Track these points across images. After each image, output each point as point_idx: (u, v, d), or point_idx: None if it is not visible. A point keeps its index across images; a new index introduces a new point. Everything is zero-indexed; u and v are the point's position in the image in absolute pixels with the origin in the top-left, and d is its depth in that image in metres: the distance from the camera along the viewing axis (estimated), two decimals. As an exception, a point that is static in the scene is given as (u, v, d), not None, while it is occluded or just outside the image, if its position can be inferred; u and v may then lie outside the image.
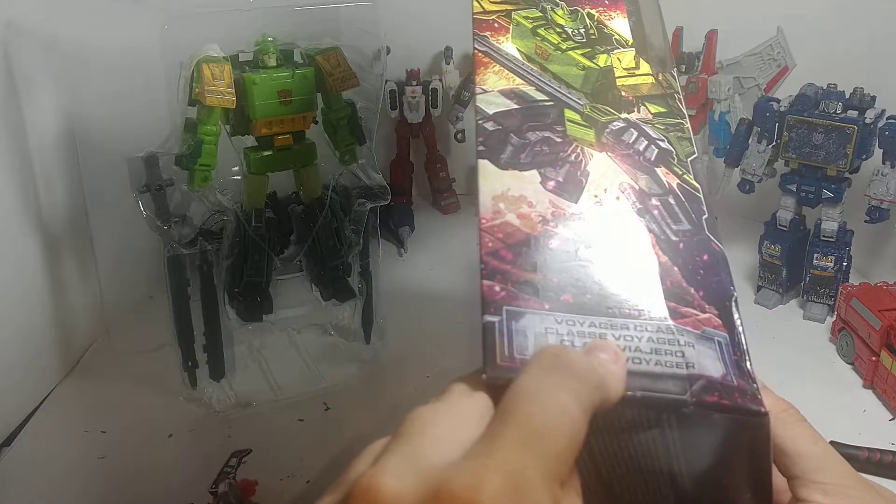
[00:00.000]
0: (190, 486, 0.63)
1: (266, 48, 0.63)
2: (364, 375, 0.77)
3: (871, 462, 0.62)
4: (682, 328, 0.29)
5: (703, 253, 0.32)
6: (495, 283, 0.30)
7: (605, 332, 0.28)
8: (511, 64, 0.42)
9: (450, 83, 1.07)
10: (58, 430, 0.71)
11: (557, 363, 0.26)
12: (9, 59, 0.69)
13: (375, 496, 0.23)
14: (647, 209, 0.34)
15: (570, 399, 0.24)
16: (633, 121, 0.38)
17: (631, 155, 0.37)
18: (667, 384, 0.27)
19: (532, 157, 0.36)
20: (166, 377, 0.73)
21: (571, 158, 0.36)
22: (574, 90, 0.41)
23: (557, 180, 0.35)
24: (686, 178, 0.36)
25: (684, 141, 0.38)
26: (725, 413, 0.27)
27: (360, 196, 0.71)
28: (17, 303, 0.71)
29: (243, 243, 0.67)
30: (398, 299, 0.85)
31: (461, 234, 1.07)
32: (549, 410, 0.24)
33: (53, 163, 0.75)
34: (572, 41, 0.44)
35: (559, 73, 0.42)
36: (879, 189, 0.80)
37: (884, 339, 0.71)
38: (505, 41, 0.44)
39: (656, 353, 0.28)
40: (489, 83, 0.41)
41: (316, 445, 0.68)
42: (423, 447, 0.25)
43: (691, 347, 0.28)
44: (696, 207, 0.34)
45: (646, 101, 0.40)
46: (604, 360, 0.27)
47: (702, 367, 0.28)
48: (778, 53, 1.01)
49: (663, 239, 0.32)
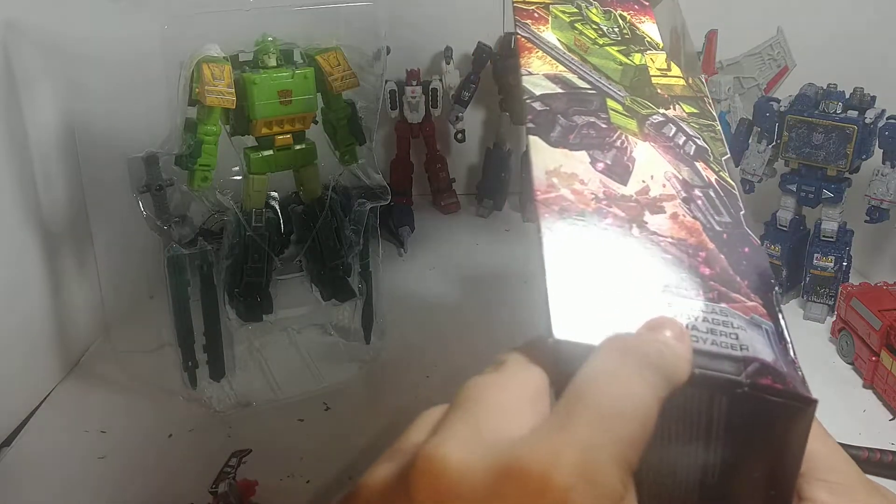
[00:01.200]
0: (190, 486, 0.63)
1: (266, 48, 0.63)
2: (364, 375, 0.77)
3: (871, 462, 0.62)
4: (734, 312, 0.29)
5: (745, 246, 0.32)
6: (555, 253, 0.30)
7: (662, 310, 0.29)
8: (553, 52, 0.43)
9: (450, 83, 1.07)
10: (58, 430, 0.71)
11: (634, 352, 0.25)
12: (9, 59, 0.69)
13: (441, 467, 0.23)
14: (692, 198, 0.34)
15: (645, 389, 0.24)
16: (670, 116, 0.39)
17: (672, 147, 0.37)
18: (723, 364, 0.27)
19: (580, 139, 0.37)
20: (166, 377, 0.73)
21: (617, 144, 0.37)
22: (613, 83, 0.41)
23: (606, 163, 0.35)
24: (722, 174, 0.36)
25: (717, 142, 0.38)
26: (777, 397, 0.26)
27: (360, 196, 0.71)
28: (17, 303, 0.71)
29: (243, 243, 0.67)
30: (398, 299, 0.85)
31: (461, 234, 1.07)
32: (625, 397, 0.24)
33: (53, 162, 0.75)
34: (608, 38, 0.45)
35: (598, 66, 0.43)
36: (879, 189, 0.80)
37: (884, 339, 0.71)
38: (545, 30, 0.45)
39: (712, 333, 0.28)
40: (534, 66, 0.42)
41: (316, 445, 0.68)
42: (485, 419, 0.24)
43: (743, 331, 0.28)
44: (734, 203, 0.35)
45: (679, 101, 0.41)
46: (671, 343, 0.26)
47: (755, 350, 0.28)
48: (778, 53, 1.01)
49: (709, 227, 0.33)
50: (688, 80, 0.42)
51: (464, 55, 1.08)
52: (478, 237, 1.06)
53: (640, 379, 0.24)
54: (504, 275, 0.95)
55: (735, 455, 0.28)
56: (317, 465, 0.65)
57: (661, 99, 0.41)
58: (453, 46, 1.06)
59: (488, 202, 1.12)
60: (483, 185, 1.13)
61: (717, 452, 0.28)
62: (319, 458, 0.66)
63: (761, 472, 0.28)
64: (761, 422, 0.27)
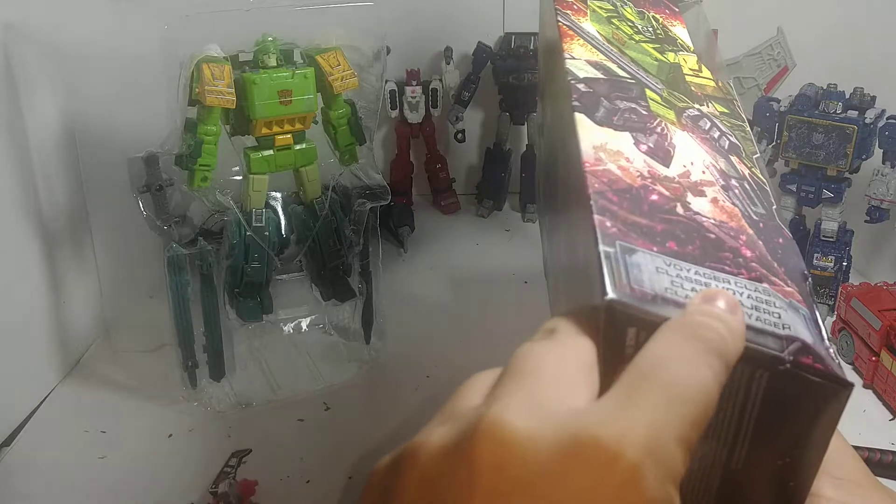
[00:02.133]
0: (190, 486, 0.63)
1: (266, 48, 0.63)
2: (364, 375, 0.77)
3: (871, 462, 0.62)
4: (776, 293, 0.29)
5: (779, 237, 0.33)
6: (606, 219, 0.30)
7: (709, 282, 0.29)
8: (593, 41, 0.44)
9: (450, 83, 1.07)
10: (58, 430, 0.71)
11: (699, 337, 0.25)
12: (9, 59, 0.69)
13: (507, 434, 0.22)
14: (730, 187, 0.35)
15: (709, 375, 0.24)
16: (705, 112, 0.40)
17: (708, 140, 0.38)
18: (767, 340, 0.27)
19: (623, 121, 0.37)
20: (166, 377, 0.73)
21: (658, 130, 0.37)
22: (651, 75, 0.42)
23: (648, 145, 0.36)
24: (755, 171, 0.37)
25: (747, 141, 0.39)
26: (818, 377, 0.27)
27: (360, 196, 0.71)
28: (17, 303, 0.71)
29: (243, 243, 0.67)
30: (398, 299, 0.85)
31: (461, 234, 1.07)
32: (691, 381, 0.24)
33: (53, 163, 0.75)
34: (643, 35, 0.47)
35: (636, 59, 0.44)
36: (879, 189, 0.80)
37: (884, 339, 0.71)
38: (585, 21, 0.46)
39: (756, 310, 0.28)
40: (576, 52, 0.43)
41: (316, 445, 0.68)
42: (544, 388, 0.24)
43: (785, 311, 0.29)
44: (766, 198, 0.35)
45: (711, 100, 0.42)
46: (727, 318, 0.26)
47: (796, 330, 0.28)
48: (778, 53, 1.01)
49: (746, 215, 0.33)
50: (718, 83, 0.44)
51: (464, 55, 1.07)
52: (478, 237, 1.06)
53: (706, 365, 0.24)
54: (504, 275, 0.95)
55: (764, 438, 0.28)
56: (317, 465, 0.65)
57: (696, 95, 0.42)
58: (453, 46, 1.06)
59: (488, 202, 1.12)
60: (483, 185, 1.13)
61: (747, 433, 0.28)
62: (319, 458, 0.66)
63: (784, 461, 0.28)
64: (797, 402, 0.27)
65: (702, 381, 0.24)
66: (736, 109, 0.42)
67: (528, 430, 0.22)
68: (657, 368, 0.24)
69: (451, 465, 0.23)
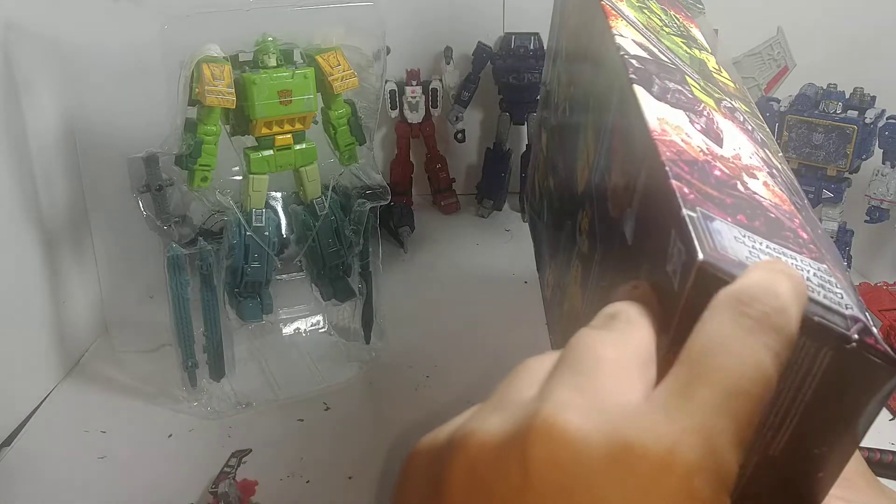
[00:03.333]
0: (190, 486, 0.63)
1: (266, 48, 0.63)
2: (364, 375, 0.77)
3: (871, 462, 0.62)
4: (835, 274, 0.29)
5: (818, 228, 0.33)
6: (683, 186, 0.30)
7: (781, 257, 0.29)
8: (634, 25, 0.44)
9: (450, 83, 1.07)
10: (58, 430, 0.71)
11: (753, 313, 0.23)
12: (9, 59, 0.69)
13: (563, 435, 0.22)
14: (773, 174, 0.35)
15: (768, 356, 0.23)
16: (736, 106, 0.40)
17: (746, 131, 0.38)
18: (835, 317, 0.27)
19: (676, 100, 0.37)
20: (166, 377, 0.73)
21: (706, 114, 0.37)
22: (686, 65, 0.42)
23: (701, 125, 0.36)
24: (784, 167, 0.37)
25: (770, 140, 0.39)
26: (880, 359, 0.26)
27: (360, 196, 0.71)
28: (17, 302, 0.71)
29: (243, 243, 0.67)
30: (398, 299, 0.85)
31: (461, 234, 1.07)
32: (747, 369, 0.22)
33: (53, 163, 0.75)
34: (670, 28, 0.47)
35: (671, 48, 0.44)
36: (879, 189, 0.80)
37: (884, 339, 0.71)
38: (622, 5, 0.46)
39: (822, 288, 0.28)
40: (623, 31, 0.43)
41: (316, 445, 0.68)
42: (601, 382, 0.23)
43: (845, 292, 0.28)
44: (798, 192, 0.35)
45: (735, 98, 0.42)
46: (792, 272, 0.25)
47: (856, 311, 0.27)
48: (778, 53, 1.01)
49: (793, 201, 0.33)
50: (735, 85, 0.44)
51: (464, 55, 1.07)
52: (478, 237, 1.06)
53: (762, 347, 0.23)
54: (504, 275, 0.95)
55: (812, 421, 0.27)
56: (317, 465, 0.65)
57: (725, 90, 0.42)
58: (453, 46, 1.06)
59: (488, 202, 1.12)
60: (483, 185, 1.13)
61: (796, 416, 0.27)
62: (319, 458, 0.66)
63: (822, 450, 0.28)
64: (853, 383, 0.27)
65: (758, 367, 0.23)
66: (755, 111, 0.42)
67: (582, 431, 0.22)
68: (710, 360, 0.23)
69: (504, 458, 0.23)
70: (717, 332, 0.23)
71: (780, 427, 0.28)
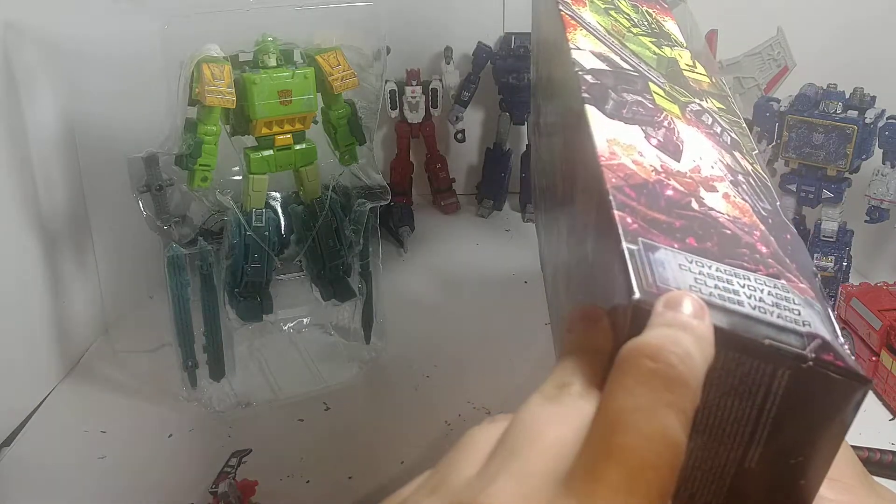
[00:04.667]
0: (190, 486, 0.63)
1: (266, 48, 0.63)
2: (364, 375, 0.77)
3: (871, 462, 0.62)
4: (793, 289, 0.29)
5: (786, 233, 0.32)
6: (626, 215, 0.30)
7: (731, 279, 0.28)
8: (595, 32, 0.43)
9: (450, 83, 1.07)
10: (58, 430, 0.71)
11: (657, 374, 0.23)
12: (9, 59, 0.69)
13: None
14: (738, 182, 0.34)
15: (675, 419, 0.22)
16: (706, 107, 0.39)
17: (712, 135, 0.37)
18: (789, 337, 0.27)
19: (632, 115, 0.36)
20: (166, 377, 0.73)
21: (665, 124, 0.37)
22: (652, 69, 0.41)
23: (658, 139, 0.35)
24: (756, 167, 0.36)
25: (745, 137, 0.39)
26: (839, 375, 0.26)
27: (360, 196, 0.71)
28: (17, 303, 0.71)
29: (243, 243, 0.67)
30: (398, 299, 0.85)
31: (461, 234, 1.07)
32: (652, 441, 0.22)
33: (53, 163, 0.75)
34: (640, 28, 0.46)
35: (636, 52, 0.43)
36: (879, 189, 0.80)
37: (884, 339, 0.71)
38: (585, 11, 0.45)
39: (777, 307, 0.28)
40: (581, 43, 0.42)
41: (316, 445, 0.68)
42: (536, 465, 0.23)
43: (803, 308, 0.28)
44: (769, 194, 0.35)
45: (708, 96, 0.41)
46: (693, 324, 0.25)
47: (815, 327, 0.27)
48: (778, 53, 1.01)
49: (756, 211, 0.33)
50: (711, 79, 0.43)
51: (464, 55, 1.07)
52: (478, 237, 1.06)
53: (667, 410, 0.23)
54: (504, 275, 0.95)
55: (780, 436, 0.28)
56: (317, 465, 0.65)
57: (695, 90, 0.41)
58: (453, 46, 1.06)
59: (488, 202, 1.12)
60: (483, 185, 1.13)
61: (764, 431, 0.27)
62: (319, 458, 0.66)
63: (797, 459, 0.28)
64: (817, 399, 0.27)
65: (663, 435, 0.22)
66: (731, 106, 0.41)
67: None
68: (616, 431, 0.22)
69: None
70: (621, 406, 0.23)
71: (750, 442, 0.28)
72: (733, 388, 0.27)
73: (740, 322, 0.27)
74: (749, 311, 0.27)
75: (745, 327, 0.27)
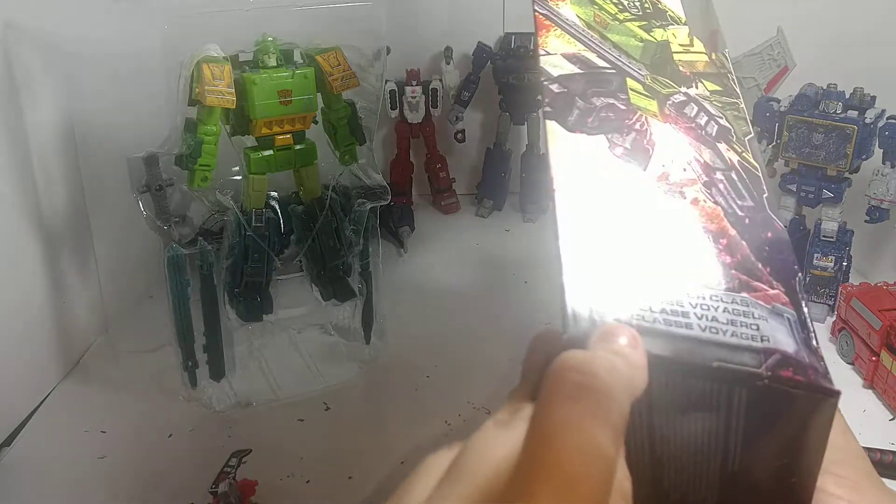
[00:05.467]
0: (190, 486, 0.63)
1: (266, 48, 0.63)
2: (364, 375, 0.77)
3: (872, 462, 0.62)
4: (756, 301, 0.29)
5: (768, 231, 0.32)
6: (571, 244, 0.30)
7: (682, 300, 0.28)
8: (571, 29, 0.42)
9: (450, 83, 1.07)
10: (58, 430, 0.71)
11: (583, 386, 0.24)
12: (9, 59, 0.69)
13: None
14: (713, 182, 0.33)
15: (601, 430, 0.23)
16: (692, 95, 0.38)
17: (693, 128, 0.36)
18: (742, 356, 0.26)
19: (599, 123, 0.36)
20: (166, 377, 0.73)
21: (637, 127, 0.36)
22: (634, 60, 0.40)
23: (625, 147, 0.35)
24: (745, 156, 0.35)
25: (740, 120, 0.37)
26: (799, 389, 0.26)
27: (360, 196, 0.71)
28: (18, 302, 0.71)
29: (243, 243, 0.67)
30: (398, 299, 0.85)
31: (461, 234, 1.07)
32: (581, 453, 0.22)
33: (53, 163, 0.75)
34: (629, 13, 0.44)
35: (618, 43, 0.41)
36: (879, 189, 0.80)
37: (884, 339, 0.71)
38: (564, 5, 0.43)
39: (732, 325, 0.27)
40: (551, 46, 0.41)
41: (316, 445, 0.68)
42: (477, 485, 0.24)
43: (764, 321, 0.28)
44: (756, 185, 0.34)
45: (702, 78, 0.40)
46: (625, 352, 0.25)
47: (776, 341, 0.27)
48: (778, 53, 1.01)
49: (730, 213, 0.32)
50: (711, 56, 0.41)
51: (464, 55, 1.07)
52: (478, 237, 1.06)
53: (595, 421, 0.23)
54: (504, 275, 0.95)
55: (756, 445, 0.28)
56: (317, 465, 0.65)
57: (683, 77, 0.40)
58: (453, 46, 1.06)
59: (488, 202, 1.12)
60: (483, 185, 1.13)
61: (737, 442, 0.27)
62: (319, 458, 0.66)
63: (782, 462, 0.28)
64: (782, 413, 0.27)
65: (592, 448, 0.22)
66: (730, 85, 0.40)
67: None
68: (542, 452, 0.23)
69: None
70: (550, 421, 0.23)
71: (727, 451, 0.28)
72: (695, 405, 0.27)
73: (686, 347, 0.27)
74: (698, 334, 0.27)
75: (692, 352, 0.27)
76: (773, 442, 0.27)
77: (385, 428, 0.70)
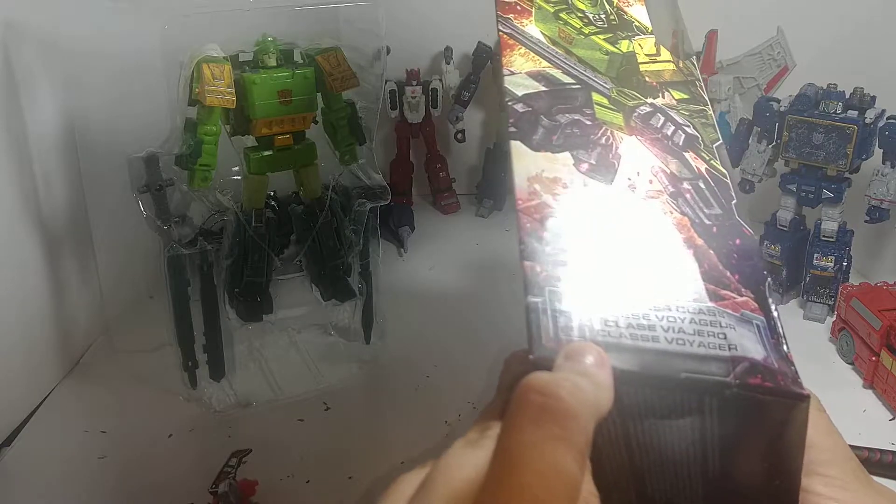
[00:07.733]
0: (190, 486, 0.63)
1: (266, 48, 0.63)
2: (364, 375, 0.77)
3: (871, 462, 0.62)
4: (723, 310, 0.29)
5: (736, 237, 0.32)
6: (535, 264, 0.30)
7: (648, 313, 0.28)
8: (536, 47, 0.42)
9: (450, 83, 1.07)
10: (58, 430, 0.71)
11: (546, 408, 0.24)
12: (9, 59, 0.69)
13: None
14: (680, 192, 0.34)
15: (565, 452, 0.23)
16: (658, 106, 0.38)
17: (660, 139, 0.37)
18: (710, 366, 0.27)
19: (564, 140, 0.36)
20: (166, 377, 0.73)
21: (602, 141, 0.36)
22: (600, 74, 0.40)
23: (590, 163, 0.35)
24: (713, 163, 0.36)
25: (708, 127, 0.38)
26: (768, 396, 0.26)
27: (360, 196, 0.71)
28: (18, 303, 0.71)
29: (243, 243, 0.67)
30: (398, 299, 0.85)
31: (461, 234, 1.07)
32: (543, 477, 0.22)
33: (53, 163, 0.75)
34: (594, 26, 0.44)
35: (584, 57, 0.41)
36: (879, 189, 0.80)
37: (884, 339, 0.71)
38: (528, 24, 0.44)
39: (699, 335, 0.28)
40: (516, 65, 0.41)
41: (316, 445, 0.68)
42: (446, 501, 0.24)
43: (732, 329, 0.28)
44: (725, 192, 0.34)
45: (669, 87, 0.40)
46: (591, 371, 0.26)
47: (744, 349, 0.27)
48: (778, 53, 1.01)
49: (697, 223, 0.32)
50: (678, 65, 0.41)
51: (464, 55, 1.08)
52: (478, 237, 1.06)
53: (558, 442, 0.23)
54: (504, 275, 0.95)
55: (733, 451, 0.28)
56: (317, 465, 0.65)
57: (650, 87, 0.40)
58: (453, 46, 1.06)
59: (488, 202, 1.12)
60: (483, 185, 1.13)
61: (714, 450, 0.28)
62: (319, 458, 0.66)
63: (763, 465, 0.28)
64: (755, 420, 0.27)
65: (555, 471, 0.22)
66: (697, 92, 0.40)
67: None
68: (506, 475, 0.23)
69: None
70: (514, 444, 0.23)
71: (705, 457, 0.28)
72: (669, 416, 0.27)
73: (653, 360, 0.27)
74: (665, 347, 0.27)
75: (659, 364, 0.27)
76: (750, 447, 0.28)
77: (385, 428, 0.70)
